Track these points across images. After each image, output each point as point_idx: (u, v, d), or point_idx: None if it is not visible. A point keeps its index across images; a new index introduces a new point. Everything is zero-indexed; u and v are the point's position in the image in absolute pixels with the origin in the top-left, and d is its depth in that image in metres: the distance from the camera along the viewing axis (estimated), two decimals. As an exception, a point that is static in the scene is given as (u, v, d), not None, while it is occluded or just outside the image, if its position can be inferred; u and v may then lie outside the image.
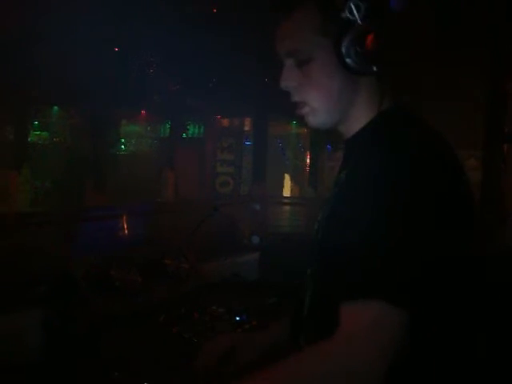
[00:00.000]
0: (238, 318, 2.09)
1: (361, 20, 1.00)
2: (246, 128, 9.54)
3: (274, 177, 9.44)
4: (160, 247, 2.43)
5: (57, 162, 8.18)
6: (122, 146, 9.15)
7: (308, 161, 9.68)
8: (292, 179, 10.43)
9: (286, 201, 8.13)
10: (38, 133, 8.68)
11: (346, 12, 1.01)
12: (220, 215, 3.00)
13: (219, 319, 2.06)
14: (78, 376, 1.67)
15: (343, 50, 1.02)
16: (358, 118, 1.11)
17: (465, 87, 4.88)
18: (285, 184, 10.27)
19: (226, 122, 9.41)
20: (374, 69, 1.02)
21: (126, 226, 2.61)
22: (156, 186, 8.54)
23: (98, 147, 7.74)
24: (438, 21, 3.92)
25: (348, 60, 1.03)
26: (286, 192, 10.15)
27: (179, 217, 3.07)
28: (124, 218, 2.59)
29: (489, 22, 4.17)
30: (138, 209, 2.85)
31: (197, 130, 9.12)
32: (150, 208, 3.18)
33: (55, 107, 8.21)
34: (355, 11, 1.01)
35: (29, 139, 8.31)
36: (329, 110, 1.12)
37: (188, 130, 9.03)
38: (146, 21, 6.30)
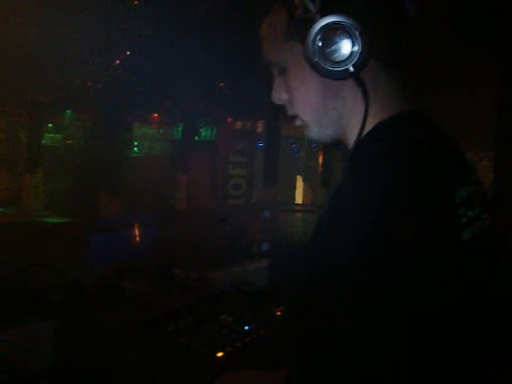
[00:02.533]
0: (246, 328, 2.11)
1: (320, 14, 0.89)
2: (259, 130, 9.53)
3: (286, 178, 9.44)
4: (169, 257, 2.45)
5: (70, 164, 8.24)
6: (135, 149, 9.19)
7: (321, 162, 9.65)
8: (304, 181, 10.41)
9: (297, 208, 8.10)
10: (51, 135, 8.73)
11: (301, 8, 0.91)
12: (229, 223, 3.02)
13: (228, 329, 2.08)
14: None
15: (309, 52, 0.91)
16: (353, 130, 1.00)
17: (476, 86, 4.81)
18: (297, 186, 10.26)
19: (238, 124, 9.41)
20: (351, 69, 0.90)
21: (136, 236, 2.63)
22: (168, 189, 8.57)
23: (110, 150, 7.79)
24: (451, 17, 3.86)
25: (316, 66, 0.91)
26: (299, 195, 10.13)
27: (189, 225, 3.08)
28: (134, 227, 2.62)
29: (504, 18, 4.09)
30: (148, 218, 2.87)
31: (209, 133, 9.14)
32: (160, 217, 3.19)
33: (68, 111, 8.26)
34: (310, 5, 0.90)
35: (42, 142, 8.37)
36: (318, 123, 1.03)
37: (200, 132, 9.05)
38: (158, 24, 6.32)
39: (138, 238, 2.58)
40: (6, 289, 2.07)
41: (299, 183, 10.35)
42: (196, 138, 9.02)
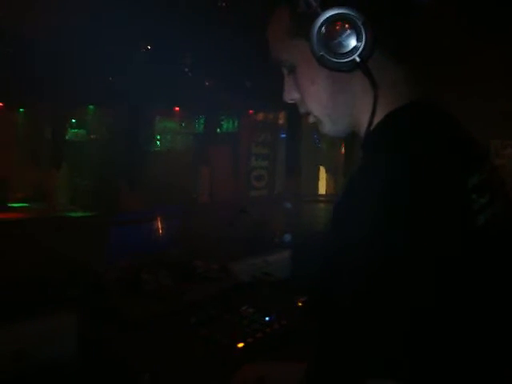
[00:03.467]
0: (267, 318, 2.12)
1: (321, 9, 0.90)
2: (281, 121, 9.51)
3: (309, 169, 9.40)
4: (191, 249, 2.47)
5: (94, 159, 8.32)
6: (157, 143, 9.24)
7: (343, 152, 9.61)
8: (327, 171, 10.38)
9: (321, 198, 8.06)
10: (75, 131, 8.82)
11: (305, 6, 0.92)
12: (251, 215, 3.03)
13: (249, 320, 2.09)
14: (109, 377, 1.72)
15: (312, 46, 0.92)
16: (364, 123, 1.00)
17: (500, 73, 4.73)
18: (320, 177, 10.22)
19: (260, 115, 9.38)
20: (357, 60, 0.90)
21: (157, 229, 2.65)
22: (191, 182, 8.60)
23: (132, 144, 7.84)
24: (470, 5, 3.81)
25: (322, 59, 0.92)
26: (322, 186, 10.10)
27: (211, 217, 3.09)
28: (156, 220, 2.64)
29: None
30: (169, 211, 2.89)
31: (231, 125, 9.15)
32: (182, 210, 3.20)
33: (91, 106, 8.33)
34: (313, 2, 0.91)
35: (67, 137, 8.46)
36: (330, 118, 1.04)
37: (222, 125, 9.06)
38: (178, 17, 6.33)
39: (159, 231, 2.60)
40: (30, 282, 2.11)
41: (322, 174, 10.32)
42: (218, 130, 9.03)
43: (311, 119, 1.08)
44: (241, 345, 1.92)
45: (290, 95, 1.09)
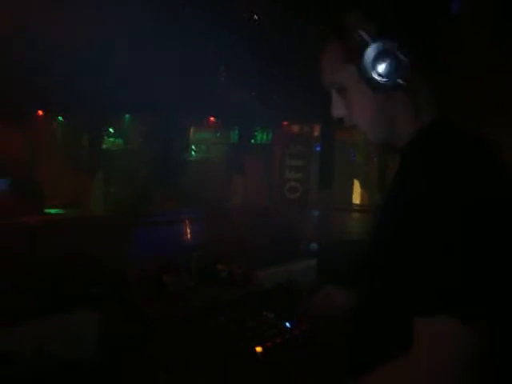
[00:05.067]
0: (287, 324, 2.10)
1: (373, 40, 1.11)
2: (316, 134, 9.50)
3: (343, 182, 9.36)
4: (215, 252, 2.47)
5: (129, 168, 8.43)
6: (193, 153, 9.33)
7: (377, 166, 9.55)
8: (362, 185, 10.33)
9: (354, 208, 8.02)
10: (112, 139, 8.96)
11: (358, 36, 1.12)
12: (277, 221, 3.02)
13: (269, 325, 2.08)
14: (128, 374, 1.73)
15: (364, 72, 1.13)
16: (402, 134, 1.19)
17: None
18: (354, 190, 10.17)
19: (295, 128, 9.41)
20: (400, 82, 1.11)
21: (183, 232, 2.67)
22: (226, 192, 8.64)
23: (167, 154, 7.94)
24: (497, 23, 3.77)
25: (371, 80, 1.13)
26: (356, 198, 10.04)
27: (238, 222, 3.10)
28: (182, 223, 2.66)
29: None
30: (196, 214, 2.91)
31: (265, 137, 9.19)
32: (208, 214, 3.23)
33: (127, 115, 8.47)
34: (365, 33, 1.12)
35: (104, 146, 8.60)
36: (377, 130, 1.22)
37: (256, 136, 9.11)
38: (215, 29, 6.41)
39: (185, 233, 2.61)
40: (53, 280, 2.14)
41: (356, 188, 10.28)
42: (252, 141, 9.08)
43: (359, 131, 1.24)
44: (259, 349, 1.91)
45: (338, 111, 1.25)
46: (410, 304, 0.98)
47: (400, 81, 1.11)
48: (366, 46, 1.12)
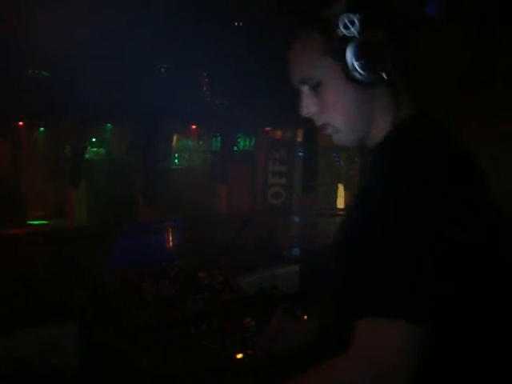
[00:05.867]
0: (270, 331, 2.08)
1: (358, 33, 1.06)
2: (299, 139, 9.53)
3: (327, 188, 9.39)
4: (196, 260, 2.46)
5: (111, 178, 8.41)
6: (176, 161, 9.32)
7: (359, 169, 9.60)
8: (346, 190, 10.37)
9: (338, 212, 8.04)
10: (95, 149, 8.93)
11: (342, 29, 1.06)
12: (258, 228, 3.02)
13: (250, 332, 2.07)
14: (108, 382, 1.72)
15: (347, 65, 1.07)
16: (378, 131, 1.16)
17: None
18: (338, 195, 10.20)
19: (278, 133, 9.43)
20: (384, 76, 1.07)
21: (163, 240, 2.66)
22: (209, 200, 8.64)
23: (150, 163, 7.92)
24: (479, 20, 3.79)
25: (354, 74, 1.07)
26: (340, 203, 10.07)
27: (220, 229, 3.10)
28: (162, 231, 2.65)
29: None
30: (177, 222, 2.90)
31: (248, 143, 9.20)
32: (189, 222, 3.23)
33: (108, 124, 8.44)
34: (350, 26, 1.06)
35: (86, 156, 8.56)
36: (352, 127, 1.17)
37: (239, 142, 9.12)
38: (196, 37, 6.42)
39: (165, 242, 2.61)
40: (32, 290, 2.12)
41: (340, 192, 10.32)
42: (235, 148, 9.10)
43: (329, 130, 1.19)
44: (240, 356, 1.90)
45: (308, 109, 1.19)
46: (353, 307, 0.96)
47: (384, 75, 1.07)
48: (349, 38, 1.07)
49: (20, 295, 2.10)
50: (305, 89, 1.19)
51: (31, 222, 7.43)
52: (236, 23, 7.04)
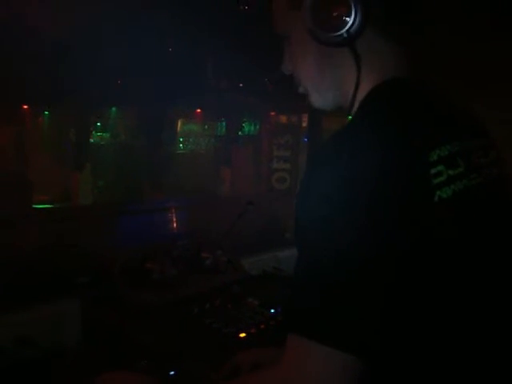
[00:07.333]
0: (272, 311, 2.10)
1: None
2: (304, 124, 9.48)
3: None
4: (200, 240, 2.47)
5: (116, 161, 8.41)
6: (181, 145, 9.32)
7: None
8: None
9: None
10: (100, 134, 8.92)
11: None
12: (261, 210, 3.02)
13: (253, 311, 2.08)
14: (110, 361, 1.73)
15: (306, 19, 0.94)
16: (353, 99, 1.00)
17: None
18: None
19: (283, 118, 9.39)
20: (345, 36, 0.92)
21: (167, 220, 2.66)
22: (213, 184, 8.65)
23: (155, 147, 7.92)
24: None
25: (313, 30, 0.94)
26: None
27: (223, 211, 3.10)
28: (166, 211, 2.65)
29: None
30: (180, 203, 2.90)
31: (252, 128, 9.18)
32: (192, 202, 3.22)
33: (113, 108, 8.42)
34: None
35: (91, 140, 8.55)
36: (317, 89, 1.06)
37: (243, 127, 9.10)
38: (201, 20, 6.36)
39: (169, 222, 2.61)
40: (36, 269, 2.13)
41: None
42: (239, 133, 9.08)
43: (301, 90, 1.10)
44: (243, 335, 1.91)
45: (285, 66, 1.11)
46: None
47: (345, 35, 0.91)
48: None
49: (23, 273, 2.11)
50: (285, 45, 1.12)
51: (36, 206, 7.43)
52: (242, 7, 7.01)
